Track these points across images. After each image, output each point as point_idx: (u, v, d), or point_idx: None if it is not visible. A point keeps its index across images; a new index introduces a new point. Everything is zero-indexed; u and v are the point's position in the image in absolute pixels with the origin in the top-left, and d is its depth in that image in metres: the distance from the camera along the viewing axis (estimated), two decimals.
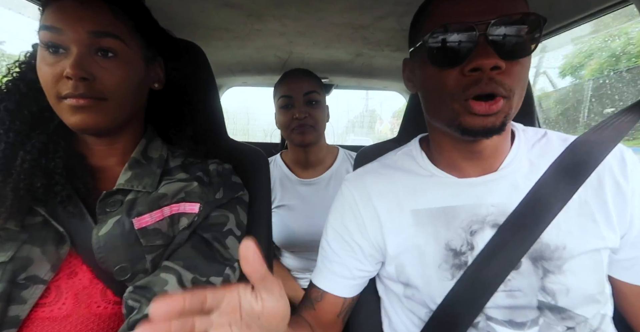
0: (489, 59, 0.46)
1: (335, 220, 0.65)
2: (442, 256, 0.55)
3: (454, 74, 0.49)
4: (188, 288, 0.53)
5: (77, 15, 0.51)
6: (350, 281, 0.63)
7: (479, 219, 0.55)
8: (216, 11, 0.88)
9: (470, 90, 0.48)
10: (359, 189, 0.64)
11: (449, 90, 0.50)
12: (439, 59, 0.50)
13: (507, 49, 0.47)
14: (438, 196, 0.58)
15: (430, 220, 0.57)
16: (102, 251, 0.52)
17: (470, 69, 0.47)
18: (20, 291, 0.49)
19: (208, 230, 0.61)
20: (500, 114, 0.48)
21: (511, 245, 0.52)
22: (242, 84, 1.74)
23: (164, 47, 0.64)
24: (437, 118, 0.56)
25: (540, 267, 0.52)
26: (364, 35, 1.04)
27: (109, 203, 0.56)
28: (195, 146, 0.67)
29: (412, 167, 0.63)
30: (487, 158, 0.57)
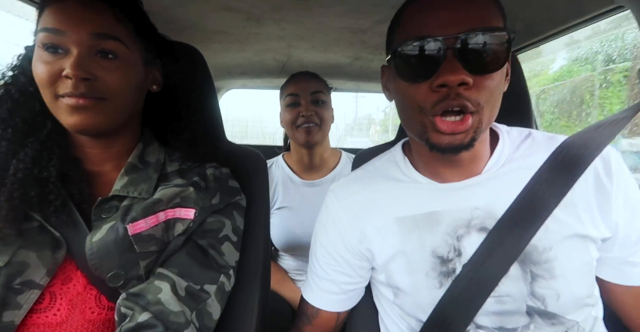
0: (456, 75, 0.45)
1: (321, 234, 0.65)
2: (429, 264, 0.54)
3: (423, 88, 0.48)
4: (182, 296, 0.53)
5: (79, 17, 0.50)
6: (341, 296, 0.63)
7: (463, 223, 0.54)
8: (215, 14, 0.88)
9: (437, 107, 0.47)
10: (342, 200, 0.63)
11: (418, 105, 0.49)
12: (408, 73, 0.50)
13: (475, 63, 0.46)
14: (421, 202, 0.57)
15: (414, 226, 0.56)
16: (95, 257, 0.52)
17: (437, 85, 0.46)
18: (15, 296, 0.49)
19: (203, 236, 0.60)
20: (470, 131, 0.48)
21: (502, 249, 0.50)
22: (241, 86, 1.74)
23: (162, 51, 0.65)
24: (408, 130, 0.56)
25: (529, 272, 0.51)
26: (363, 39, 1.05)
27: (105, 209, 0.55)
28: (193, 150, 0.67)
29: (395, 173, 0.62)
30: (467, 164, 0.56)
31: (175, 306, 0.51)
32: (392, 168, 0.63)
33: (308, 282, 0.67)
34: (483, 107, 0.47)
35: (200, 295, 0.55)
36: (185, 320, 0.51)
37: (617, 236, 0.52)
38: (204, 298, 0.55)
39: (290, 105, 1.14)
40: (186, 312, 0.52)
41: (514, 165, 0.56)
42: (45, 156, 0.54)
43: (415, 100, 0.49)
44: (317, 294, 0.64)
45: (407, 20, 0.51)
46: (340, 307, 0.64)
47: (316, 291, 0.64)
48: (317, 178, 1.20)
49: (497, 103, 0.50)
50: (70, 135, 0.58)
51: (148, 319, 0.49)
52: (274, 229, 1.16)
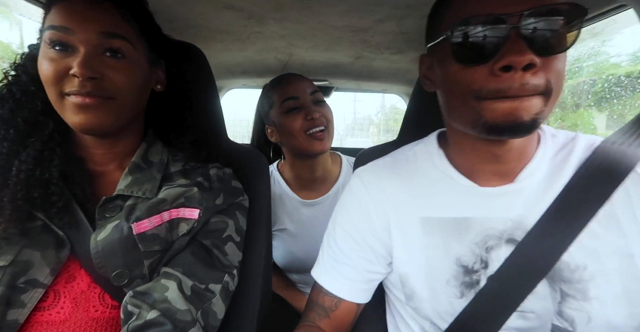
0: (523, 56, 0.40)
1: (342, 218, 0.60)
2: (452, 272, 0.51)
3: (482, 72, 0.43)
4: (188, 295, 0.53)
5: (87, 16, 0.51)
6: (362, 285, 0.59)
7: (495, 234, 0.50)
8: (217, 13, 0.88)
9: (500, 91, 0.43)
10: (369, 185, 0.59)
11: (475, 89, 0.44)
12: (464, 55, 0.45)
13: (542, 43, 0.41)
14: (452, 204, 0.53)
15: (440, 230, 0.52)
16: (100, 256, 0.52)
17: (500, 68, 0.42)
18: (19, 294, 0.49)
19: (207, 236, 0.61)
20: (533, 112, 0.43)
21: (530, 263, 0.47)
22: (242, 86, 1.74)
23: (166, 51, 0.65)
24: (458, 119, 0.50)
25: (559, 290, 0.47)
26: (364, 38, 1.05)
27: (109, 208, 0.55)
28: (196, 150, 0.67)
29: (427, 167, 0.57)
30: (510, 162, 0.51)
31: (182, 305, 0.51)
32: (425, 160, 0.58)
33: (326, 269, 0.60)
34: (550, 91, 0.43)
35: (206, 294, 0.55)
36: (192, 318, 0.51)
37: None
38: (209, 297, 0.56)
39: (292, 111, 0.99)
40: (192, 311, 0.52)
41: (551, 172, 0.51)
42: (47, 156, 0.54)
43: (472, 84, 0.44)
44: (339, 281, 0.58)
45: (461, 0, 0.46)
46: (362, 298, 0.59)
47: (337, 278, 0.58)
48: (318, 196, 1.08)
49: (561, 89, 0.45)
50: (74, 135, 0.59)
51: (156, 317, 0.49)
52: (276, 252, 1.09)
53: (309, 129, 0.98)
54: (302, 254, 1.06)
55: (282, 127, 1.01)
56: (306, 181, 1.08)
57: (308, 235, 1.06)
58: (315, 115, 0.97)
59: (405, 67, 1.32)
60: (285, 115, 1.00)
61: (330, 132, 1.02)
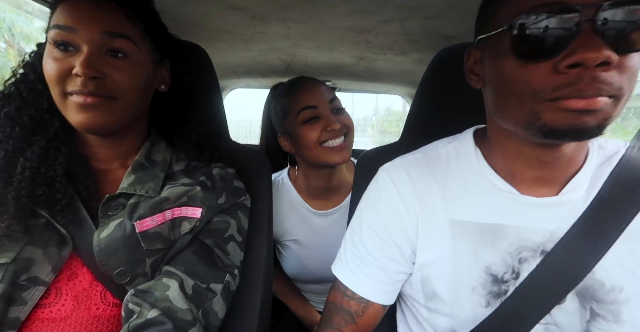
0: (597, 52, 0.35)
1: (370, 216, 0.56)
2: (479, 280, 0.49)
3: (544, 69, 0.39)
4: (189, 294, 0.53)
5: (91, 15, 0.51)
6: (389, 287, 0.56)
7: (530, 245, 0.47)
8: (220, 13, 0.89)
9: (563, 91, 0.38)
10: (400, 182, 0.55)
11: (533, 88, 0.40)
12: (526, 49, 0.40)
13: (621, 38, 0.36)
14: (487, 208, 0.50)
15: (471, 235, 0.50)
16: (102, 254, 0.52)
17: (568, 65, 0.37)
18: (20, 292, 0.49)
19: (209, 235, 0.61)
20: (601, 114, 0.38)
21: (558, 276, 0.45)
22: (245, 86, 1.74)
23: (171, 51, 0.65)
24: (509, 119, 0.45)
25: (589, 309, 0.45)
26: (367, 39, 1.05)
27: (112, 206, 0.56)
28: (199, 150, 0.67)
29: (462, 166, 0.53)
30: (557, 169, 0.47)
31: (183, 304, 0.51)
32: (460, 160, 0.54)
33: (351, 269, 0.56)
34: (624, 93, 0.38)
35: (207, 294, 0.56)
36: (193, 318, 0.52)
37: None
38: (210, 297, 0.56)
39: (310, 121, 0.91)
40: (193, 310, 0.52)
41: (591, 185, 0.48)
42: (52, 154, 0.54)
43: (532, 82, 0.40)
44: (365, 283, 0.55)
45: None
46: (388, 299, 0.56)
47: (364, 280, 0.55)
48: (332, 206, 1.01)
49: (633, 88, 0.40)
50: (78, 134, 0.59)
51: (157, 316, 0.49)
52: (287, 263, 1.06)
53: (328, 140, 0.91)
54: (313, 265, 1.02)
55: (299, 138, 0.93)
56: (320, 190, 1.01)
57: (320, 246, 1.01)
58: (335, 126, 0.89)
59: (408, 69, 1.31)
60: (302, 125, 0.92)
61: (351, 140, 0.96)
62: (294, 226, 1.02)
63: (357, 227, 0.58)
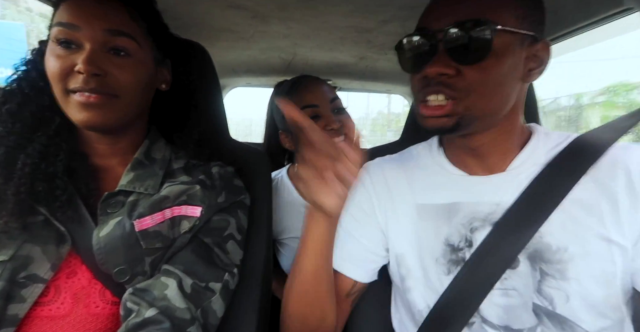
0: (435, 67, 0.49)
1: (349, 204, 0.64)
2: (440, 251, 0.56)
3: (417, 78, 0.53)
4: (188, 293, 0.53)
5: (94, 13, 0.51)
6: (360, 263, 0.63)
7: (480, 216, 0.55)
8: (221, 12, 0.89)
9: (420, 94, 0.52)
10: (373, 176, 0.65)
11: (414, 92, 0.55)
12: (407, 64, 0.54)
13: (461, 54, 0.48)
14: (444, 191, 0.58)
15: (433, 215, 0.58)
16: (102, 252, 0.52)
17: (421, 77, 0.51)
18: (19, 289, 0.49)
19: (209, 234, 0.61)
20: (454, 116, 0.50)
21: (507, 242, 0.51)
22: (246, 84, 1.75)
23: (173, 50, 0.65)
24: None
25: (538, 269, 0.51)
26: (368, 38, 1.05)
27: (111, 204, 0.56)
28: (198, 149, 0.67)
29: (426, 161, 0.64)
30: (490, 156, 0.56)
31: (181, 303, 0.51)
32: (425, 156, 0.65)
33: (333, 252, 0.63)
34: (470, 95, 0.49)
35: (206, 292, 0.56)
36: (191, 317, 0.52)
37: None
38: (209, 296, 0.56)
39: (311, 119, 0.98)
40: (192, 309, 0.52)
41: (541, 166, 0.55)
42: (53, 151, 0.54)
43: (412, 88, 0.55)
44: (338, 256, 0.62)
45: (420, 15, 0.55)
46: (357, 275, 0.63)
47: (337, 254, 0.62)
48: None
49: (493, 92, 0.50)
50: (78, 130, 0.59)
51: (155, 315, 0.49)
52: (286, 261, 1.06)
53: None
54: None
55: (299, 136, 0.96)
56: None
57: None
58: (335, 125, 0.91)
59: None
60: None
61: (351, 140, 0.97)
62: (292, 224, 1.02)
63: (341, 217, 0.65)
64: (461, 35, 0.47)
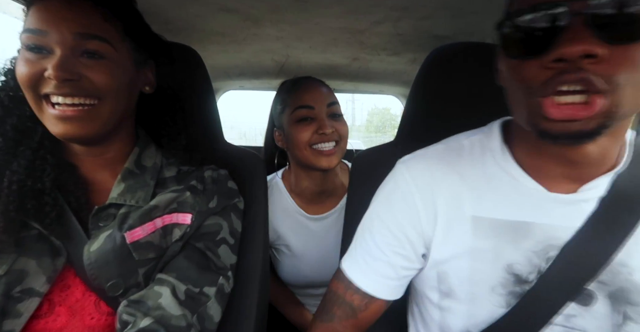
0: (577, 45, 0.34)
1: (384, 210, 0.54)
2: (499, 279, 0.47)
3: (534, 65, 0.38)
4: (182, 300, 0.52)
5: (63, 16, 0.48)
6: (395, 282, 0.54)
7: (559, 244, 0.44)
8: (213, 15, 0.88)
9: (549, 84, 0.37)
10: (418, 175, 0.53)
11: (525, 85, 0.39)
12: (515, 48, 0.40)
13: (614, 29, 0.34)
14: (511, 205, 0.47)
15: (493, 233, 0.47)
16: (93, 267, 0.51)
17: (552, 60, 0.36)
18: (15, 304, 0.48)
19: (200, 239, 0.60)
20: (597, 116, 0.36)
21: (574, 266, 0.43)
22: (239, 87, 1.74)
23: (156, 51, 0.63)
24: (516, 116, 0.46)
25: (622, 313, 0.42)
26: (361, 39, 1.05)
27: (102, 217, 0.55)
28: (189, 154, 0.66)
29: (487, 163, 0.50)
30: (589, 167, 0.44)
31: (176, 310, 0.51)
32: (484, 154, 0.51)
33: (358, 263, 0.55)
34: (619, 87, 0.35)
35: (200, 298, 0.55)
36: (187, 323, 0.51)
37: None
38: (204, 301, 0.55)
39: (302, 121, 0.91)
40: (187, 316, 0.52)
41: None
42: (39, 166, 0.52)
43: (522, 79, 0.39)
44: (371, 278, 0.53)
45: None
46: (393, 294, 0.55)
47: (370, 275, 0.53)
48: (326, 210, 1.00)
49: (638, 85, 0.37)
50: (64, 141, 0.57)
51: (150, 324, 0.48)
52: (281, 268, 1.04)
53: (318, 144, 0.91)
54: (308, 270, 0.99)
55: (290, 136, 0.94)
56: (313, 194, 1.00)
57: (315, 250, 0.98)
58: (327, 130, 0.90)
59: (401, 69, 1.32)
60: (295, 124, 0.92)
61: (342, 148, 0.95)
62: (287, 230, 1.00)
63: (368, 221, 0.57)
64: (616, 2, 0.34)
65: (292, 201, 1.01)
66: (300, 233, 1.00)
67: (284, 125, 0.96)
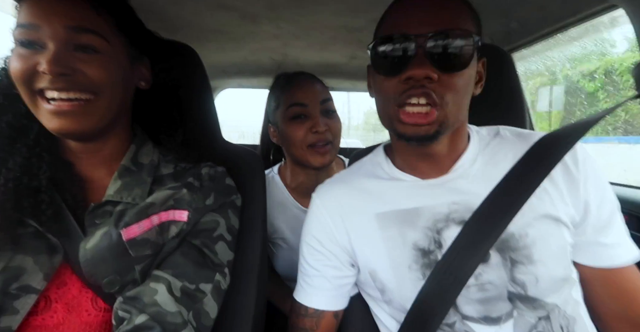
0: (421, 69, 0.49)
1: (308, 236, 0.65)
2: (411, 257, 0.56)
3: (394, 81, 0.52)
4: (178, 297, 0.53)
5: (55, 10, 0.48)
6: (333, 292, 0.63)
7: (442, 217, 0.56)
8: (210, 13, 0.88)
9: (403, 96, 0.51)
10: (326, 202, 0.64)
11: (388, 97, 0.53)
12: (383, 67, 0.54)
13: (442, 61, 0.49)
14: (401, 198, 0.59)
15: (394, 222, 0.58)
16: (89, 264, 0.51)
17: (405, 78, 0.50)
18: (12, 301, 0.48)
19: (197, 236, 0.60)
20: (434, 124, 0.51)
21: (477, 238, 0.53)
22: (237, 86, 1.74)
23: (150, 47, 0.62)
24: (383, 123, 0.59)
25: (508, 259, 0.53)
26: (359, 37, 1.05)
27: (98, 215, 0.54)
28: (187, 151, 0.66)
29: (377, 172, 0.65)
30: (443, 159, 0.58)
31: (172, 307, 0.51)
32: (374, 167, 0.66)
33: (301, 287, 0.65)
34: (448, 103, 0.50)
35: (196, 294, 0.55)
36: (183, 320, 0.51)
37: (588, 219, 0.54)
38: (200, 297, 0.55)
39: (296, 118, 0.92)
40: (183, 313, 0.52)
41: (484, 161, 0.59)
42: (35, 163, 0.52)
43: (387, 92, 0.53)
44: (310, 293, 0.63)
45: (388, 18, 0.55)
46: (337, 304, 0.64)
47: (310, 291, 0.63)
48: None
49: (463, 103, 0.53)
50: (61, 138, 0.57)
51: (145, 321, 0.48)
52: (278, 262, 1.05)
53: (311, 142, 0.92)
54: None
55: (284, 133, 0.95)
56: (309, 188, 1.01)
57: None
58: (320, 128, 0.90)
59: None
60: (289, 121, 0.93)
61: (336, 146, 0.96)
62: (284, 224, 1.01)
63: (300, 251, 0.67)
64: (446, 43, 0.49)
65: (288, 194, 1.02)
66: (297, 226, 1.00)
67: (278, 122, 0.97)
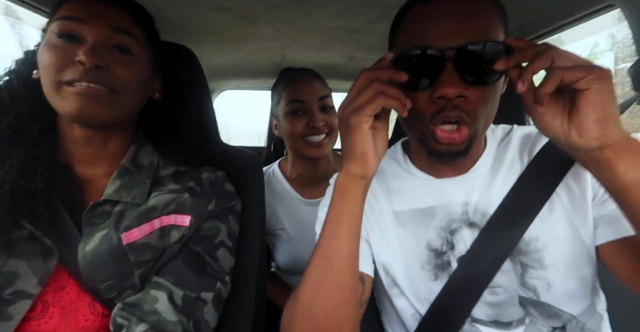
0: (454, 88, 0.46)
1: None
2: (424, 257, 0.56)
3: (423, 98, 0.49)
4: (179, 306, 0.52)
5: (100, 10, 0.53)
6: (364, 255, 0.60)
7: (456, 217, 0.56)
8: (208, 15, 0.88)
9: (436, 117, 0.49)
10: None
11: (418, 114, 0.50)
12: (409, 81, 0.49)
13: (473, 75, 0.46)
14: (417, 197, 0.59)
15: (411, 221, 0.58)
16: (88, 268, 0.51)
17: (437, 97, 0.48)
18: (6, 306, 0.47)
19: (199, 243, 0.59)
20: (466, 141, 0.50)
21: (495, 246, 0.52)
22: (235, 87, 1.73)
23: (164, 59, 0.66)
24: (409, 134, 0.59)
25: (518, 263, 0.52)
26: (357, 38, 1.05)
27: (96, 214, 0.54)
28: (187, 155, 0.66)
29: (395, 169, 0.64)
30: (463, 161, 0.58)
31: (172, 316, 0.50)
32: (392, 164, 0.65)
33: None
34: (479, 119, 0.49)
35: (197, 303, 0.54)
36: (183, 330, 0.50)
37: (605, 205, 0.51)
38: (201, 306, 0.54)
39: (294, 114, 0.99)
40: (183, 322, 0.51)
41: (493, 162, 0.58)
42: (32, 166, 0.52)
43: (417, 108, 0.50)
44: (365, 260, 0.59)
45: (409, 27, 0.52)
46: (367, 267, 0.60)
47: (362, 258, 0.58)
48: (321, 195, 1.01)
49: (493, 111, 0.52)
50: (59, 138, 0.57)
51: (145, 330, 0.48)
52: (279, 254, 1.07)
53: (308, 136, 0.98)
54: (304, 255, 1.00)
55: (284, 126, 1.02)
56: (308, 179, 1.06)
57: (310, 235, 0.99)
58: (317, 123, 0.96)
59: None
60: (288, 116, 1.00)
61: (333, 138, 1.02)
62: (284, 215, 1.04)
63: None
64: (477, 56, 0.45)
65: (288, 185, 1.07)
66: (297, 217, 1.04)
67: (279, 116, 1.04)
